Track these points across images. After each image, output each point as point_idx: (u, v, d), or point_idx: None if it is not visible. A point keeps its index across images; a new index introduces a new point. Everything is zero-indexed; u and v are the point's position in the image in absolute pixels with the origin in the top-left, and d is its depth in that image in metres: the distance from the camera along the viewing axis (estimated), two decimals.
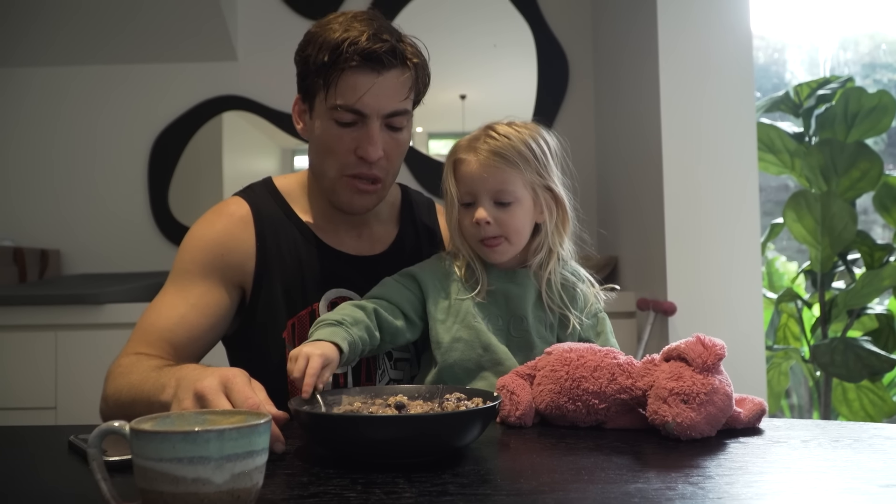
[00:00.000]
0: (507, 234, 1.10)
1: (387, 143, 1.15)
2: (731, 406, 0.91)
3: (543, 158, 1.12)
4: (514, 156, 1.09)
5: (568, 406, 0.96)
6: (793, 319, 2.68)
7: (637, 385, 0.93)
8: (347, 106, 1.12)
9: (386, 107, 1.13)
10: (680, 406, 0.87)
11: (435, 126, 2.97)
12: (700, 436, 0.88)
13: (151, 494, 0.61)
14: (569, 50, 2.86)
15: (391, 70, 1.12)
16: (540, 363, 1.02)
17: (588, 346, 1.00)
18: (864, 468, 0.77)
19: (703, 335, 0.92)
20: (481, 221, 1.08)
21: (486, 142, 1.10)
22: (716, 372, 0.90)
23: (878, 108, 2.50)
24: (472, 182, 1.10)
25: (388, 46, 1.11)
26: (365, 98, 1.11)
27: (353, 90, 1.11)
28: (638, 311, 2.28)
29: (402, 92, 1.14)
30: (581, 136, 2.86)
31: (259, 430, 0.63)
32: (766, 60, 3.18)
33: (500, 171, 1.08)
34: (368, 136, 1.13)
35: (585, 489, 0.70)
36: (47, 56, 2.82)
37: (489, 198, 1.09)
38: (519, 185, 1.09)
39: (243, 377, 0.88)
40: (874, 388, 2.49)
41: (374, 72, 1.11)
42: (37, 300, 2.27)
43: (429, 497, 0.67)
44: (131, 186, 2.85)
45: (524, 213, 1.11)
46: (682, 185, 2.12)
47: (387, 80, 1.12)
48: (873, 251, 2.51)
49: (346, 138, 1.14)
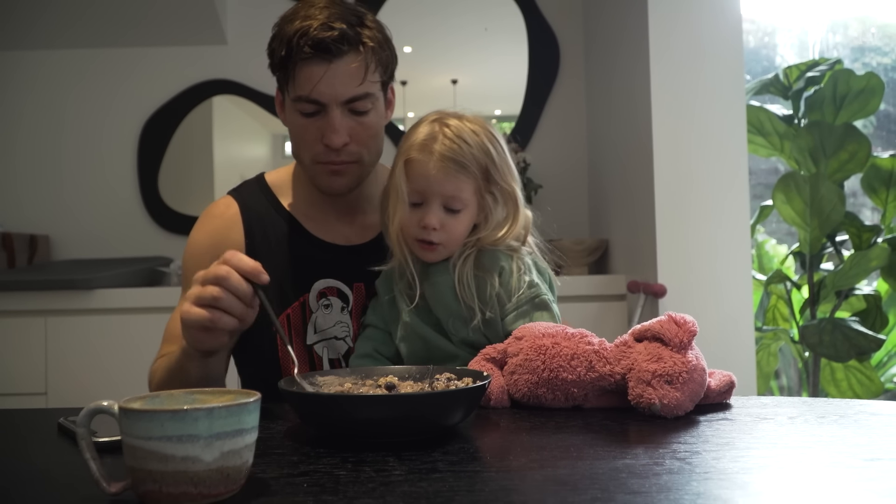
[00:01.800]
0: (449, 242, 1.10)
1: (352, 128, 1.16)
2: (706, 379, 0.93)
3: (499, 159, 1.10)
4: (469, 162, 1.07)
5: (546, 395, 0.96)
6: (782, 301, 2.70)
7: (615, 370, 0.93)
8: (305, 97, 1.13)
9: (342, 94, 1.13)
10: (665, 387, 0.88)
11: (426, 111, 2.92)
12: (684, 413, 0.90)
13: (141, 473, 0.61)
14: (560, 34, 2.85)
15: (343, 57, 1.12)
16: (511, 348, 1.00)
17: (560, 330, 0.99)
18: (849, 443, 0.78)
19: (674, 313, 0.94)
20: (429, 227, 1.08)
21: (443, 143, 1.08)
22: (690, 348, 0.92)
23: (867, 90, 2.50)
24: (426, 184, 1.08)
25: (338, 34, 1.11)
26: (319, 87, 1.12)
27: (307, 81, 1.12)
28: (628, 294, 2.29)
29: (357, 77, 1.13)
30: (572, 120, 2.86)
31: (249, 408, 0.63)
32: (756, 44, 3.18)
33: (454, 178, 1.07)
34: (329, 125, 1.14)
35: (574, 465, 0.70)
36: (33, 40, 2.79)
37: (440, 203, 1.08)
38: (470, 192, 1.09)
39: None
40: (862, 368, 2.51)
41: (325, 61, 1.11)
42: (26, 285, 2.26)
43: (418, 475, 0.68)
44: (121, 171, 2.84)
45: (469, 220, 1.10)
46: (672, 168, 2.13)
47: (339, 68, 1.12)
48: (861, 233, 2.52)
49: (311, 128, 1.16)
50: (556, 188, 2.80)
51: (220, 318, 0.93)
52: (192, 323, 0.94)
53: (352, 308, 1.23)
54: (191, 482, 0.60)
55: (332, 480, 0.67)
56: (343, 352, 1.21)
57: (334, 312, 1.22)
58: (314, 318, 1.21)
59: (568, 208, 2.82)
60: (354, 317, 1.22)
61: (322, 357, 1.21)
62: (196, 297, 0.94)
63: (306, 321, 1.21)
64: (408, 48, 2.92)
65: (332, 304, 1.22)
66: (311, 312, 1.21)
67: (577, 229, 2.83)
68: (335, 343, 1.21)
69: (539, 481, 0.66)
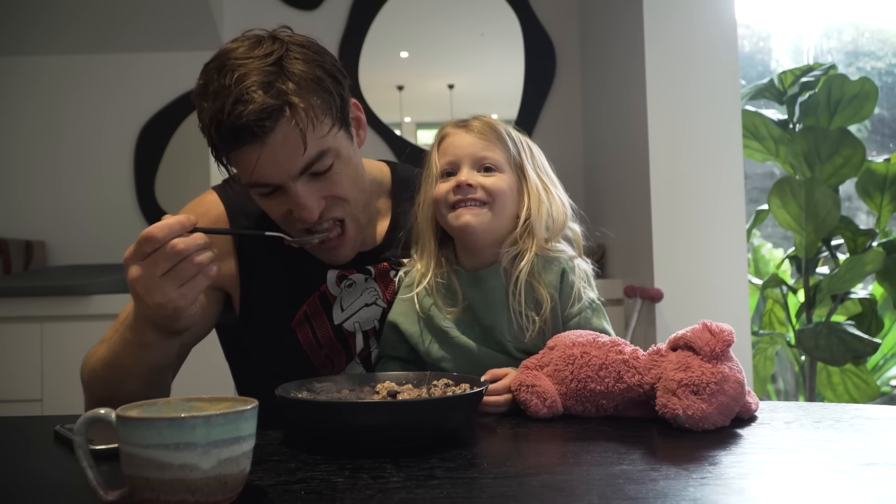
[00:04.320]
0: (491, 199, 1.03)
1: (321, 189, 1.02)
2: (744, 393, 0.87)
3: (528, 150, 1.11)
4: (501, 131, 1.08)
5: (576, 407, 0.93)
6: (778, 305, 2.71)
7: (644, 381, 0.89)
8: (252, 182, 1.01)
9: (291, 169, 0.98)
10: (690, 398, 0.84)
11: (423, 116, 2.97)
12: (714, 426, 0.84)
13: (138, 481, 0.61)
14: (556, 39, 2.86)
15: (272, 132, 0.95)
16: (544, 358, 0.97)
17: (592, 339, 0.96)
18: (844, 447, 0.78)
19: (710, 321, 0.88)
20: (462, 184, 1.02)
21: (476, 120, 1.09)
22: (725, 359, 0.86)
23: (861, 95, 2.51)
24: (456, 150, 1.06)
25: (257, 109, 0.94)
26: (261, 171, 0.98)
27: (245, 168, 0.99)
28: (625, 299, 2.29)
29: (298, 145, 0.96)
30: (568, 125, 2.86)
31: (246, 415, 0.63)
32: (751, 49, 3.19)
33: (485, 141, 1.06)
34: (295, 203, 1.01)
35: (571, 471, 0.70)
36: (29, 45, 2.79)
37: (472, 163, 1.05)
38: (502, 158, 1.06)
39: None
40: (858, 372, 2.52)
41: (255, 143, 0.96)
42: (22, 292, 2.25)
43: (416, 481, 0.68)
44: (117, 177, 2.83)
45: (508, 185, 1.05)
46: (668, 173, 2.13)
47: (274, 144, 0.96)
48: (856, 237, 2.53)
49: (275, 207, 1.04)
50: None
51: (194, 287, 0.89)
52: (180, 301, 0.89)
53: (375, 276, 1.15)
54: (188, 490, 0.60)
55: (330, 487, 0.67)
56: (378, 317, 1.14)
57: (358, 285, 1.14)
58: (339, 300, 1.13)
59: None
60: (379, 281, 1.14)
61: (354, 332, 1.14)
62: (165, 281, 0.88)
63: (330, 306, 1.13)
64: (405, 53, 2.93)
65: (354, 281, 1.14)
66: (334, 298, 1.14)
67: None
68: (366, 312, 1.14)
69: (536, 487, 0.66)
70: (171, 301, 0.89)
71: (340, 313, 1.14)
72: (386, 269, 1.16)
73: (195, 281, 0.89)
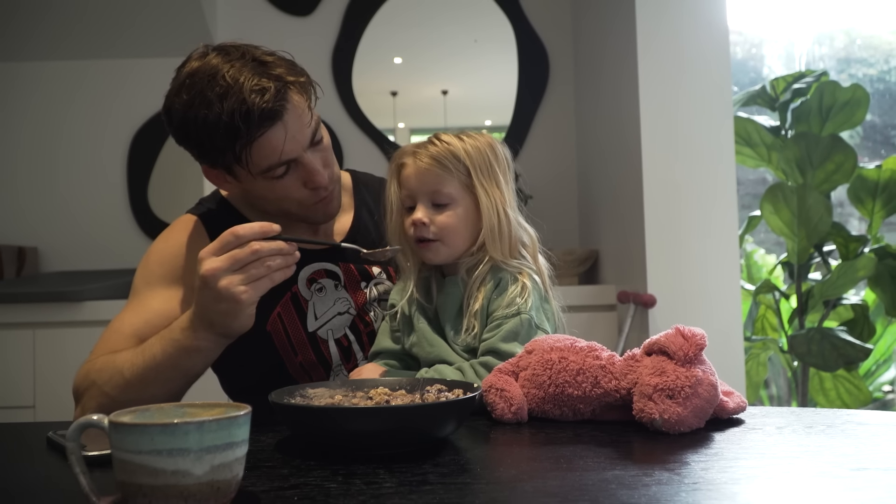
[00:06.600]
0: (446, 238, 1.10)
1: (321, 158, 1.15)
2: (718, 395, 0.89)
3: (485, 165, 1.11)
4: (448, 160, 1.10)
5: (553, 412, 0.94)
6: (770, 310, 2.72)
7: (621, 385, 0.91)
8: (275, 164, 1.10)
9: (303, 139, 1.11)
10: (666, 402, 0.85)
11: (417, 122, 2.98)
12: (689, 429, 0.86)
13: (131, 487, 0.61)
14: (549, 45, 2.87)
15: (287, 110, 1.08)
16: (522, 362, 0.99)
17: (570, 344, 0.97)
18: (836, 453, 0.78)
19: (683, 326, 0.90)
20: (417, 223, 1.10)
21: (427, 147, 1.11)
22: (698, 362, 0.88)
23: (852, 101, 2.53)
24: (411, 185, 1.11)
25: (274, 89, 1.06)
26: (286, 148, 1.09)
27: (272, 150, 1.09)
28: (618, 304, 2.30)
29: (306, 115, 1.10)
30: (561, 131, 2.87)
31: (239, 421, 0.63)
32: (743, 55, 3.21)
33: (433, 175, 1.10)
34: (308, 171, 1.13)
35: (564, 477, 0.71)
36: (23, 51, 2.79)
37: (427, 199, 1.11)
38: (454, 187, 1.10)
39: None
40: (850, 378, 2.53)
41: (279, 123, 1.07)
42: (14, 298, 2.24)
43: (409, 487, 0.68)
44: (110, 182, 2.83)
45: (460, 216, 1.11)
46: (661, 179, 2.14)
47: (292, 119, 1.08)
48: (848, 242, 2.54)
49: (290, 184, 1.14)
50: (546, 199, 2.81)
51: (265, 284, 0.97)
52: (252, 298, 0.97)
53: (344, 283, 1.23)
54: (181, 496, 0.60)
55: (323, 493, 0.67)
56: (348, 324, 1.22)
57: (329, 292, 1.22)
58: (311, 306, 1.21)
59: (558, 219, 2.83)
60: (350, 290, 1.23)
61: (327, 340, 1.21)
62: (245, 277, 0.96)
63: (304, 311, 1.21)
64: (398, 59, 2.94)
65: (324, 286, 1.22)
66: (306, 301, 1.21)
67: (567, 240, 2.84)
68: (338, 320, 1.22)
69: (529, 493, 0.66)
70: (237, 294, 0.96)
71: (314, 321, 1.21)
72: (354, 275, 1.24)
73: (261, 282, 0.97)
